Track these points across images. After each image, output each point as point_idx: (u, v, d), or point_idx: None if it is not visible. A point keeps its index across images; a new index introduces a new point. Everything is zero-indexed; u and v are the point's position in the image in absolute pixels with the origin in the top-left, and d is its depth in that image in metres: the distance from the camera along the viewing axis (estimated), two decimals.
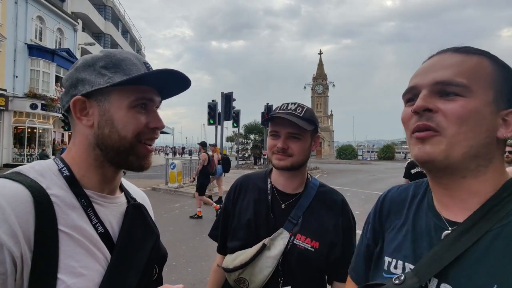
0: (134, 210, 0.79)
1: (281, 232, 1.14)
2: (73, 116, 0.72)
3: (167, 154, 42.52)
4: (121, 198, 0.80)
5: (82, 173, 0.71)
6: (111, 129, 0.70)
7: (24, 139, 17.68)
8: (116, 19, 31.95)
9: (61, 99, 0.76)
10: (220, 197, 9.19)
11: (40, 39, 18.64)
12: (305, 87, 47.64)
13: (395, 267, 0.70)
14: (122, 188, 0.84)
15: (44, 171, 0.67)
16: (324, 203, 1.23)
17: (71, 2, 22.72)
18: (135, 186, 0.93)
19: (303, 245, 1.14)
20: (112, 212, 0.74)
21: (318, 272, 1.18)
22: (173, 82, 0.77)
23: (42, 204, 0.60)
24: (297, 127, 1.14)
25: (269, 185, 1.26)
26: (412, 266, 0.66)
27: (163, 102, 0.81)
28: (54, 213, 0.62)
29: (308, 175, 1.31)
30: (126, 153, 0.72)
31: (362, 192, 11.48)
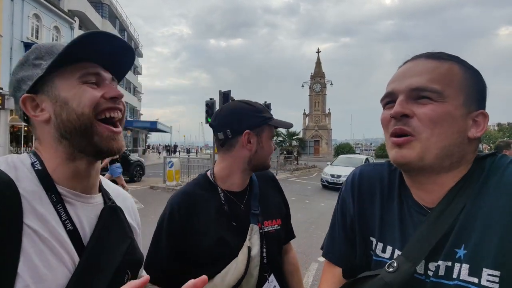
0: (109, 212, 0.76)
1: (252, 228, 1.13)
2: (30, 118, 0.70)
3: (159, 152, 41.39)
4: (97, 198, 0.76)
5: (53, 168, 0.69)
6: (67, 111, 0.67)
7: (20, 138, 17.61)
8: (113, 17, 31.78)
9: (16, 111, 0.73)
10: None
11: (37, 37, 18.51)
12: (303, 86, 47.65)
13: (383, 251, 0.75)
14: (101, 189, 0.80)
15: (17, 164, 0.66)
16: (265, 183, 1.30)
17: (67, 0, 22.57)
18: (117, 187, 0.89)
19: (273, 228, 1.21)
20: (84, 212, 0.71)
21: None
22: (115, 55, 0.73)
23: (9, 196, 0.58)
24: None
25: (221, 194, 1.15)
26: (399, 252, 0.71)
27: (162, 101, 0.82)
28: (21, 206, 0.59)
29: None
30: (90, 133, 0.68)
31: None
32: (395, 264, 0.66)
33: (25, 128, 17.76)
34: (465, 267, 0.61)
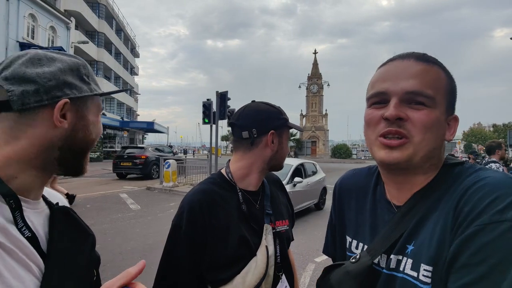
0: (62, 213, 0.74)
1: (266, 228, 1.15)
2: (37, 116, 0.65)
3: None
4: (41, 203, 0.74)
5: (13, 174, 0.64)
6: (86, 133, 0.72)
7: None
8: (110, 17, 31.68)
9: (25, 95, 0.64)
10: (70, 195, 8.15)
11: (33, 37, 18.40)
12: (300, 86, 47.80)
13: (356, 248, 0.83)
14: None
15: None
16: (273, 185, 1.34)
17: (64, 0, 22.47)
18: (49, 189, 0.86)
19: (284, 228, 1.24)
20: (36, 218, 0.68)
21: None
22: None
23: None
24: None
25: (240, 194, 1.15)
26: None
27: (160, 101, 0.87)
28: None
29: None
30: (84, 155, 0.74)
31: None
32: (358, 256, 0.74)
33: None
34: (410, 261, 0.66)
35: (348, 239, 0.86)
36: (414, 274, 0.64)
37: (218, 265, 1.05)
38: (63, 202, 0.83)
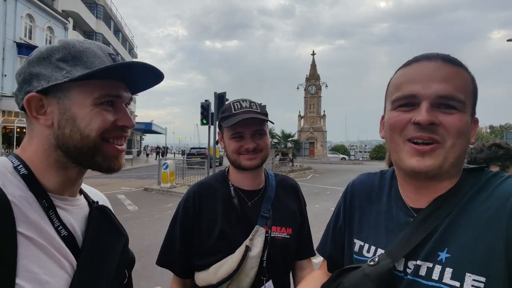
0: (99, 212, 0.74)
1: (257, 229, 1.13)
2: (28, 114, 0.65)
3: (147, 155, 36.78)
4: (81, 200, 0.73)
5: (41, 174, 0.64)
6: (73, 128, 0.63)
7: (13, 139, 17.36)
8: (108, 18, 31.60)
9: (15, 96, 0.67)
10: None
11: (30, 38, 18.32)
12: (298, 88, 47.80)
13: (368, 251, 0.79)
14: (81, 190, 0.77)
15: None
16: (285, 190, 1.29)
17: (61, 0, 22.40)
18: (91, 187, 0.86)
19: (281, 235, 1.18)
20: (73, 216, 0.68)
21: (293, 256, 1.26)
22: (144, 75, 0.70)
23: None
24: (261, 123, 1.18)
25: (231, 188, 1.21)
26: (383, 251, 0.73)
27: (158, 102, 0.79)
28: (12, 213, 0.55)
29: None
30: (91, 153, 0.65)
31: None
32: (376, 259, 0.70)
33: (17, 130, 17.54)
34: (448, 270, 0.62)
35: (359, 242, 0.82)
36: (456, 284, 0.60)
37: (201, 252, 1.14)
38: (104, 201, 0.85)
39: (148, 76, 0.71)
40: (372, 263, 0.70)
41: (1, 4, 16.11)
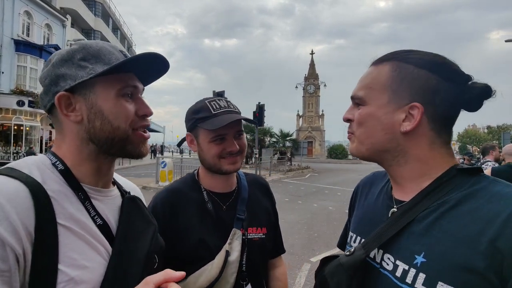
0: (131, 202, 0.80)
1: (234, 233, 1.09)
2: (58, 113, 0.70)
3: None
4: (114, 191, 0.80)
5: (76, 168, 0.71)
6: (103, 121, 0.69)
7: (10, 137, 17.29)
8: (106, 15, 31.48)
9: (41, 99, 0.74)
10: None
11: (28, 35, 18.22)
12: (296, 87, 47.82)
13: (354, 241, 0.83)
14: (114, 181, 0.84)
15: (38, 165, 0.67)
16: (257, 189, 1.26)
17: None
18: (125, 179, 0.94)
19: (257, 236, 1.15)
20: (107, 206, 0.74)
21: (269, 256, 1.25)
22: (153, 67, 0.77)
23: (40, 199, 0.60)
24: (241, 122, 1.12)
25: (204, 193, 1.14)
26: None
27: (156, 100, 0.84)
28: (52, 207, 0.61)
29: None
30: (123, 143, 0.72)
31: (352, 191, 11.63)
32: (352, 250, 0.74)
33: (15, 127, 17.46)
34: (422, 276, 0.61)
35: (350, 234, 0.88)
36: None
37: (179, 263, 1.01)
38: (136, 191, 0.92)
39: (157, 66, 0.78)
40: (348, 253, 0.74)
41: None
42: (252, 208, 1.18)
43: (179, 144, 1.56)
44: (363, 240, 0.79)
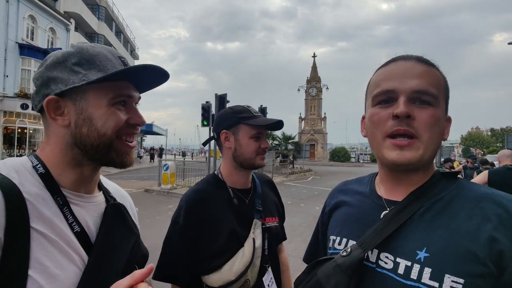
0: (113, 210, 0.77)
1: (255, 223, 1.24)
2: (46, 116, 0.69)
3: (140, 157, 32.70)
4: (99, 197, 0.77)
5: (58, 172, 0.69)
6: (90, 128, 0.68)
7: (14, 140, 17.39)
8: (109, 19, 31.72)
9: (32, 99, 0.72)
10: None
11: (32, 39, 18.39)
12: (299, 90, 47.78)
13: (339, 244, 0.81)
14: (101, 187, 0.81)
15: (18, 167, 0.65)
16: (265, 185, 1.43)
17: (64, 2, 22.48)
18: (115, 185, 0.90)
19: (273, 225, 1.32)
20: (89, 212, 0.72)
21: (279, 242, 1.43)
22: (152, 76, 0.75)
23: (13, 201, 0.58)
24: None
25: (229, 190, 1.27)
26: (354, 242, 0.75)
27: (158, 103, 0.82)
28: (27, 210, 0.59)
29: None
30: (106, 150, 0.70)
31: None
32: (349, 250, 0.73)
33: (19, 130, 17.58)
34: (427, 270, 0.63)
35: (332, 237, 0.85)
36: (435, 284, 0.61)
37: (210, 255, 1.16)
38: (125, 198, 0.89)
39: (155, 77, 0.76)
40: (344, 253, 0.73)
41: (3, 5, 16.17)
42: (265, 201, 1.34)
43: (205, 144, 1.73)
44: (351, 241, 0.78)
